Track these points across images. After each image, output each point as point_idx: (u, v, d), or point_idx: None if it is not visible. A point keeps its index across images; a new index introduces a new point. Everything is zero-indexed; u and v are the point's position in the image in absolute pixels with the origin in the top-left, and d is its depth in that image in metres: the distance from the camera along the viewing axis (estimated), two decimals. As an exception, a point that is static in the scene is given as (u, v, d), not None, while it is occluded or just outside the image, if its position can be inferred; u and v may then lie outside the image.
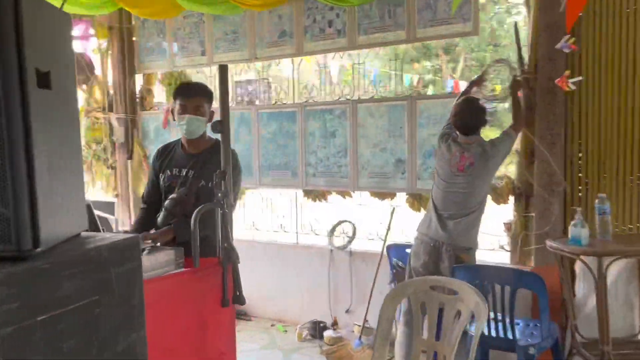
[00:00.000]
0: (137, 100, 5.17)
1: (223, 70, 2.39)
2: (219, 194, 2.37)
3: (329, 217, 4.32)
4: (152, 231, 2.67)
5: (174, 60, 4.88)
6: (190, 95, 2.73)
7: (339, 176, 4.10)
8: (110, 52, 5.12)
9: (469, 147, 3.02)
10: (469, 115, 3.03)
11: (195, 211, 2.33)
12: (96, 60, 5.14)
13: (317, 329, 4.08)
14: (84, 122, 5.07)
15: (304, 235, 4.49)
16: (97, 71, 5.18)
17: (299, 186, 4.29)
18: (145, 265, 2.17)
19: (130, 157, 5.11)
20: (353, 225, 4.16)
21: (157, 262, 2.23)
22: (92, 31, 5.05)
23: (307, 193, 4.31)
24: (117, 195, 5.25)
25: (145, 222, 2.76)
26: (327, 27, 4.01)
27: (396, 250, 3.35)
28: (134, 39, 5.07)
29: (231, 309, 2.45)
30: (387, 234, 3.93)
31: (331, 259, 4.19)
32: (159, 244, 2.45)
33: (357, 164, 4.02)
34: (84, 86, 5.11)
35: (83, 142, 5.08)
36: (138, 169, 5.05)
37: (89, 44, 5.01)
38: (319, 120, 4.16)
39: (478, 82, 3.39)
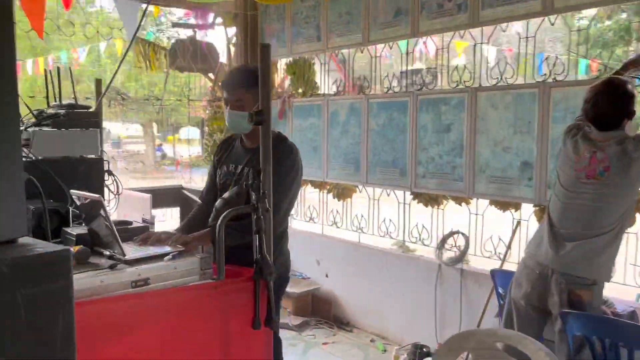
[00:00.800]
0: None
1: (264, 52, 2.00)
2: (254, 196, 2.00)
3: (440, 226, 3.70)
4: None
5: (292, 47, 4.64)
6: (229, 87, 2.41)
7: (452, 178, 3.46)
8: (235, 40, 5.08)
9: (605, 147, 2.22)
10: (608, 102, 2.22)
11: (222, 215, 2.00)
12: (222, 48, 5.15)
13: (417, 355, 3.52)
14: (207, 111, 5.11)
15: (411, 244, 3.92)
16: (224, 59, 5.19)
17: (407, 187, 3.74)
18: (162, 273, 1.91)
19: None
20: (467, 238, 3.49)
21: (177, 271, 1.94)
22: (216, 19, 5.05)
23: (417, 196, 3.74)
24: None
25: (196, 222, 2.51)
26: (446, 1, 3.38)
27: (502, 277, 2.65)
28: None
29: (265, 332, 2.07)
30: (506, 252, 3.21)
31: (439, 274, 3.58)
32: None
33: (474, 165, 3.34)
34: (210, 75, 5.15)
35: (206, 130, 5.13)
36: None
37: (211, 32, 5.02)
38: (433, 111, 3.55)
39: (636, 62, 2.52)
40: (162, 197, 4.33)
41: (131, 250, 2.01)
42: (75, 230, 2.16)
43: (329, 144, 4.31)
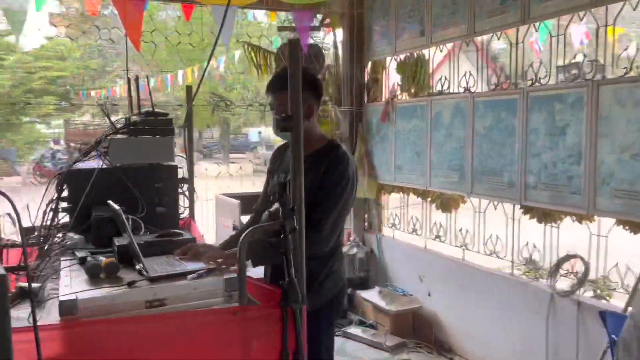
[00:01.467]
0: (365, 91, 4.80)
1: (293, 49, 1.75)
2: (286, 214, 1.77)
3: (554, 247, 3.10)
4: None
5: (396, 44, 4.31)
6: (275, 89, 2.18)
7: (568, 191, 2.87)
8: (341, 41, 4.88)
9: None
10: None
11: (244, 233, 1.80)
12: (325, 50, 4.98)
13: (522, 397, 2.99)
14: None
15: (522, 266, 3.36)
16: (331, 62, 5.02)
17: (516, 200, 3.20)
18: (181, 294, 1.76)
19: (353, 153, 4.78)
20: (586, 263, 2.87)
21: (197, 292, 1.78)
22: (324, 20, 4.89)
23: (528, 210, 3.18)
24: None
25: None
26: (562, -22, 2.81)
27: (614, 320, 2.07)
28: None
29: (297, 366, 1.82)
30: (635, 286, 2.57)
31: (552, 305, 3.00)
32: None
33: (595, 176, 2.72)
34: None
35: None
36: (359, 166, 4.68)
37: (312, 34, 4.86)
38: (545, 110, 2.99)
39: None
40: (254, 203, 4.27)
41: (161, 266, 1.90)
42: (121, 240, 2.11)
43: (432, 149, 3.90)
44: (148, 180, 2.61)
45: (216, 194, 4.41)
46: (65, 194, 2.52)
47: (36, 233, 2.54)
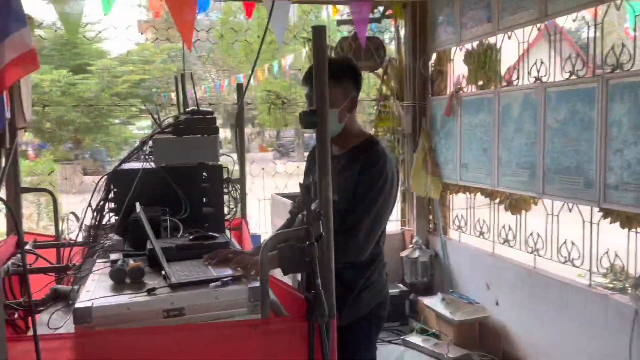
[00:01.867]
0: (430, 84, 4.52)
1: (318, 34, 1.58)
2: (311, 218, 1.60)
3: (639, 256, 2.71)
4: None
5: (461, 33, 4.01)
6: (311, 80, 1.99)
7: (656, 192, 2.49)
8: (403, 32, 4.64)
9: None
10: None
11: (265, 241, 1.65)
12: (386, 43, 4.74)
13: None
14: (372, 110, 4.77)
15: (601, 277, 2.98)
16: (393, 55, 4.78)
17: (595, 201, 2.83)
18: (201, 303, 1.65)
19: (415, 150, 4.53)
20: (678, 276, 2.47)
21: (218, 301, 1.66)
22: (385, 11, 4.67)
23: (608, 213, 2.81)
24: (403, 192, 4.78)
25: (278, 240, 2.20)
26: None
27: None
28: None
29: (325, 385, 1.65)
30: None
31: (636, 321, 2.62)
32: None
33: (689, 175, 2.33)
34: (379, 71, 4.79)
35: (372, 131, 4.79)
36: (421, 164, 4.42)
37: (372, 26, 4.64)
38: (629, 100, 2.61)
39: None
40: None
41: (187, 272, 1.80)
42: (157, 243, 2.04)
43: (501, 145, 3.58)
44: (194, 181, 2.54)
45: (272, 193, 4.32)
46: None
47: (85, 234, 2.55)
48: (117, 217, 2.41)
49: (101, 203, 2.52)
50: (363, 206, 1.90)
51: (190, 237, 2.16)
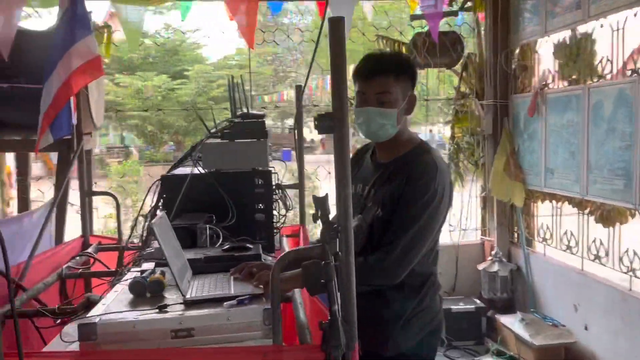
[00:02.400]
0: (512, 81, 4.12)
1: (335, 26, 1.38)
2: (326, 234, 1.42)
3: None
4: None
5: (546, 24, 3.59)
6: (368, 75, 1.77)
7: None
8: (483, 25, 4.27)
9: None
10: None
11: (280, 257, 1.47)
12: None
13: None
14: (450, 111, 4.45)
15: None
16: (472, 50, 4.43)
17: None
18: (211, 324, 1.51)
19: (496, 153, 4.14)
20: None
21: (229, 323, 1.52)
22: (465, 4, 4.32)
23: None
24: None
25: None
26: None
27: None
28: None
29: None
30: None
31: None
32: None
33: None
34: (456, 68, 4.46)
35: (448, 133, 4.48)
36: (503, 168, 4.03)
37: (448, 20, 4.31)
38: None
39: None
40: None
41: (206, 287, 1.68)
42: (188, 254, 1.94)
43: (590, 148, 3.14)
44: (244, 186, 2.45)
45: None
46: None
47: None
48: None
49: (152, 208, 2.51)
50: (403, 222, 1.68)
51: (224, 248, 2.04)
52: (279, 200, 2.72)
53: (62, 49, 2.76)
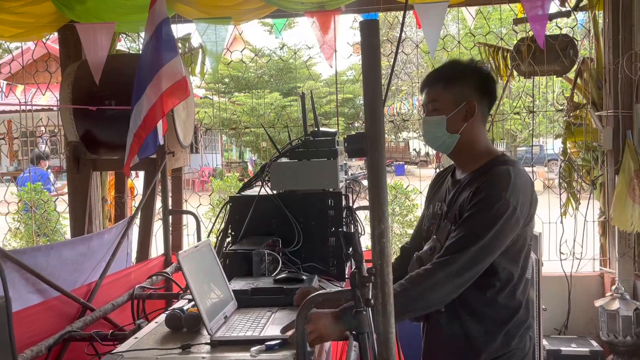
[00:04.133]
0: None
1: (367, 29, 1.15)
2: (357, 278, 1.19)
3: None
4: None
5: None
6: (423, 87, 1.75)
7: None
8: (603, 25, 3.73)
9: None
10: None
11: (307, 299, 1.25)
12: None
13: None
14: (561, 124, 3.93)
15: None
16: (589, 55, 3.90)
17: None
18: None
19: (617, 172, 3.57)
20: None
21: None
22: (579, 3, 3.82)
23: None
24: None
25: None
26: None
27: None
28: None
29: None
30: None
31: None
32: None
33: None
34: (569, 76, 3.95)
35: (560, 148, 3.96)
36: (625, 190, 3.45)
37: (558, 21, 3.81)
38: None
39: None
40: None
41: (242, 325, 1.53)
42: (237, 284, 1.82)
43: None
44: (313, 209, 2.31)
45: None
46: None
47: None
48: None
49: (222, 229, 2.45)
50: (467, 234, 1.51)
51: (276, 278, 1.88)
52: (351, 224, 2.53)
53: (150, 72, 2.82)
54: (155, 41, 2.90)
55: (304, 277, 1.86)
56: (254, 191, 2.48)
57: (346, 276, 2.24)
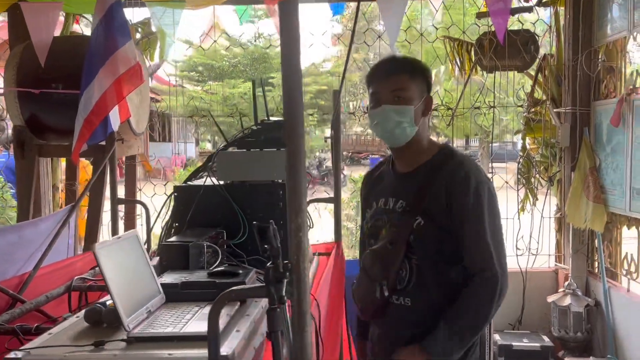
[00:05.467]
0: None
1: (286, 10, 1.08)
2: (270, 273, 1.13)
3: None
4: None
5: (634, 18, 3.03)
6: (383, 75, 1.72)
7: None
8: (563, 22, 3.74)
9: None
10: None
11: (217, 299, 1.19)
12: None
13: None
14: (520, 119, 3.94)
15: None
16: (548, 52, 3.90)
17: None
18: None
19: (573, 168, 3.58)
20: None
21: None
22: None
23: None
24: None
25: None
26: None
27: None
28: None
29: None
30: None
31: None
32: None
33: None
34: (530, 71, 3.95)
35: (519, 144, 3.97)
36: (581, 187, 3.47)
37: (520, 16, 3.80)
38: None
39: None
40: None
41: (164, 321, 1.45)
42: (167, 277, 1.74)
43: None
44: (261, 200, 2.25)
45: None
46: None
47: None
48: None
49: (166, 220, 2.38)
50: (483, 232, 1.62)
51: (210, 273, 1.81)
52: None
53: (102, 56, 2.69)
54: (106, 24, 2.78)
55: (240, 272, 1.79)
56: (201, 181, 2.41)
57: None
